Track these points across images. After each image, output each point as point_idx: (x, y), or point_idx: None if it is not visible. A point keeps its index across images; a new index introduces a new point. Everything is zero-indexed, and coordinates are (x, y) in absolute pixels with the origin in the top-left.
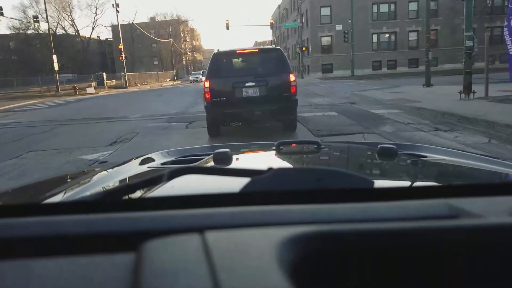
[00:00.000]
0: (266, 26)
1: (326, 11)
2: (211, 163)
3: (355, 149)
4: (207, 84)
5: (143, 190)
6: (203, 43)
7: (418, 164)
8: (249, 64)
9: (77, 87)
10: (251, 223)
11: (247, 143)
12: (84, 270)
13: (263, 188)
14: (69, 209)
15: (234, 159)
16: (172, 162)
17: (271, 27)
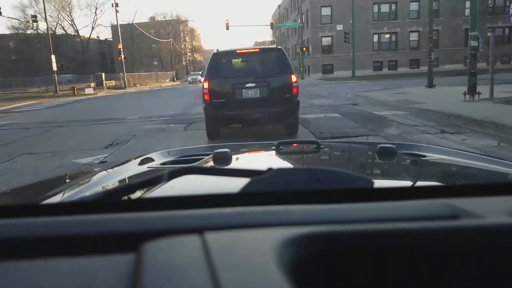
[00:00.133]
0: (266, 27)
1: (327, 11)
2: (210, 163)
3: (355, 149)
4: (206, 85)
5: (143, 191)
6: (203, 43)
7: (418, 164)
8: (249, 65)
9: (75, 88)
10: (250, 223)
11: (247, 143)
12: (84, 270)
13: (262, 188)
14: (68, 209)
15: (234, 159)
16: (172, 162)
17: (271, 27)
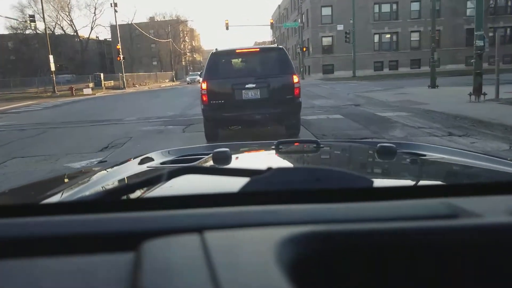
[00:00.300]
0: (266, 27)
1: (327, 11)
2: (210, 163)
3: (355, 148)
4: (204, 85)
5: (143, 190)
6: (203, 44)
7: (417, 163)
8: (249, 65)
9: (74, 88)
10: (250, 223)
11: (247, 142)
12: (84, 270)
13: (262, 187)
14: (68, 209)
15: (234, 158)
16: (171, 162)
17: (271, 27)
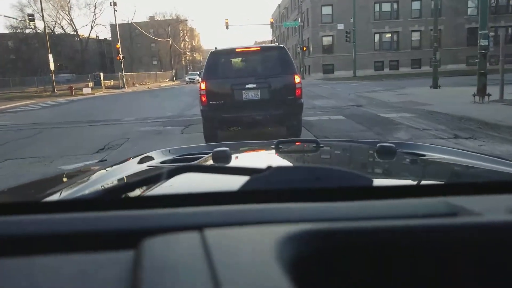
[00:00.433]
0: (266, 26)
1: (327, 10)
2: (210, 162)
3: (355, 147)
4: (203, 85)
5: (143, 188)
6: (203, 43)
7: (417, 162)
8: (249, 64)
9: (73, 88)
10: (250, 221)
11: (247, 142)
12: (84, 268)
13: (262, 186)
14: (68, 207)
15: (233, 157)
16: (171, 161)
17: (271, 26)
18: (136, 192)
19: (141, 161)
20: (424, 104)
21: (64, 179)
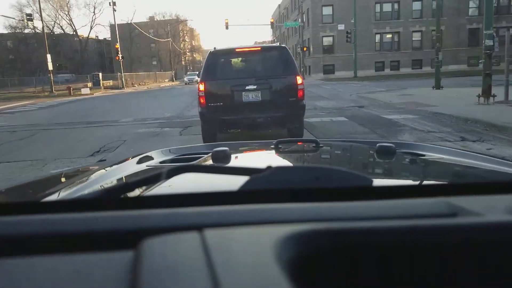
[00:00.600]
0: (266, 27)
1: (328, 10)
2: (209, 162)
3: (354, 147)
4: (202, 87)
5: (142, 188)
6: (203, 43)
7: (417, 162)
8: (250, 65)
9: (71, 88)
10: (250, 221)
11: (246, 141)
12: (83, 268)
13: (261, 186)
14: (67, 207)
15: (233, 157)
16: (171, 161)
17: (271, 27)
18: (136, 192)
19: (140, 161)
20: (428, 105)
21: (63, 179)
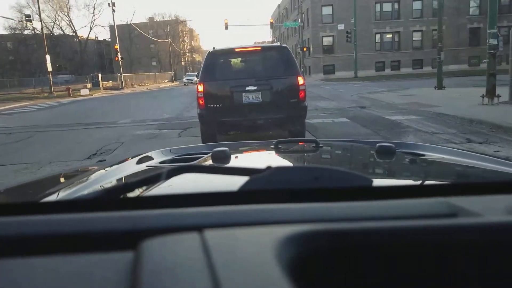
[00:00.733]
0: (266, 27)
1: (328, 10)
2: (209, 162)
3: (354, 147)
4: (200, 88)
5: (142, 189)
6: (202, 44)
7: (416, 162)
8: (250, 65)
9: (70, 89)
10: (249, 221)
11: (246, 142)
12: (83, 268)
13: (261, 186)
14: (67, 207)
15: (233, 157)
16: (171, 161)
17: (271, 27)
18: (135, 193)
19: (140, 161)
20: (431, 105)
21: (63, 179)
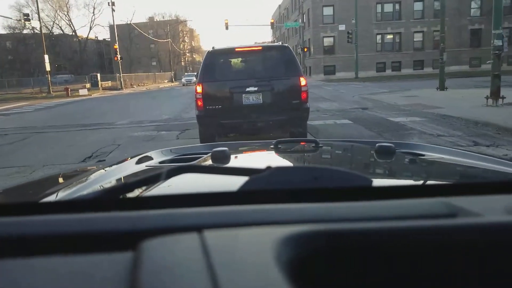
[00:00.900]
0: (266, 27)
1: (329, 10)
2: (209, 162)
3: (354, 148)
4: (199, 88)
5: (142, 189)
6: (202, 44)
7: (416, 162)
8: (250, 65)
9: (69, 89)
10: (249, 221)
11: (246, 141)
12: (83, 269)
13: (261, 186)
14: (66, 207)
15: (233, 157)
16: (170, 161)
17: (271, 27)
18: (135, 193)
19: (139, 161)
20: (434, 107)
21: (63, 180)
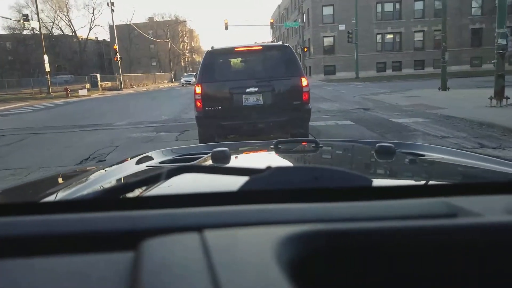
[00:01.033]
0: (266, 27)
1: (329, 10)
2: (209, 162)
3: (354, 148)
4: (198, 89)
5: (142, 189)
6: (202, 44)
7: (416, 162)
8: (250, 65)
9: (69, 89)
10: (249, 221)
11: (246, 142)
12: (83, 269)
13: (261, 186)
14: (67, 207)
15: (233, 157)
16: (171, 161)
17: (271, 27)
18: (135, 193)
19: (139, 161)
20: (437, 107)
21: (62, 180)
